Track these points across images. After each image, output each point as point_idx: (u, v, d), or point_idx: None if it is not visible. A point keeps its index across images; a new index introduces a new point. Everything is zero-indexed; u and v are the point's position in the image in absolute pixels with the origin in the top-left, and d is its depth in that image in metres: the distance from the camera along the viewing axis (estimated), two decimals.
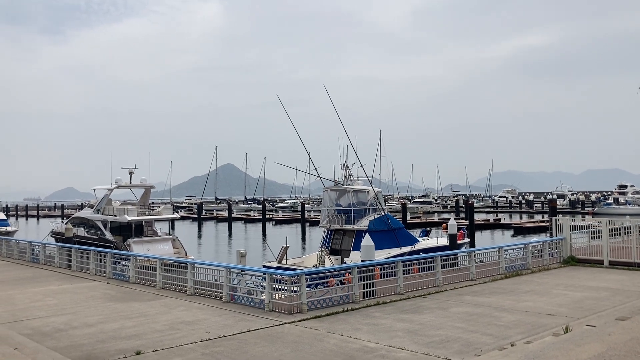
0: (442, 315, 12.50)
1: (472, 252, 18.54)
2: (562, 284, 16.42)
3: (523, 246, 20.22)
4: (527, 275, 18.36)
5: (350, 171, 31.72)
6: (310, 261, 28.52)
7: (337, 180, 32.13)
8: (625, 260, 19.88)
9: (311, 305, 13.35)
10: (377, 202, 29.73)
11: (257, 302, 13.88)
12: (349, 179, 31.21)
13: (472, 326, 11.39)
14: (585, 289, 15.48)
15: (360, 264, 15.12)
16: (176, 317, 12.97)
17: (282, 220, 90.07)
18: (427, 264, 16.80)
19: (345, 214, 29.31)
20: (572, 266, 20.35)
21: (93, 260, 21.01)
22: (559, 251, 21.31)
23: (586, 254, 21.15)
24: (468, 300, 14.32)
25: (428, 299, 14.68)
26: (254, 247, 52.10)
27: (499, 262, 18.73)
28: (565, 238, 21.41)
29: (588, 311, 12.41)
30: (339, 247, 28.97)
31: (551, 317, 12.05)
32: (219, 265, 16.07)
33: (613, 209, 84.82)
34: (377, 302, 14.13)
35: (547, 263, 20.27)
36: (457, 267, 18.12)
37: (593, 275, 18.22)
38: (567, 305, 13.31)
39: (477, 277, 17.48)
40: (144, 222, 37.83)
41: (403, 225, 32.45)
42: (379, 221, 28.77)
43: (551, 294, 14.83)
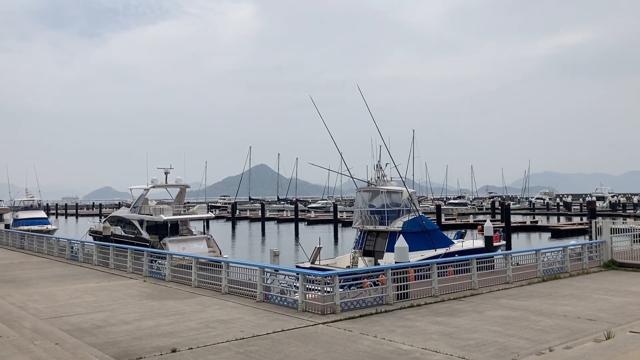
0: (477, 319, 12.29)
1: (509, 254, 18.20)
2: (603, 289, 15.97)
3: (561, 249, 19.75)
4: (565, 279, 17.93)
5: (384, 172, 31.50)
6: (343, 262, 28.45)
7: (370, 180, 31.96)
8: None
9: (344, 306, 13.30)
10: (411, 203, 29.45)
11: (291, 302, 13.90)
12: (382, 179, 31.00)
13: (509, 330, 11.17)
14: (628, 294, 15.02)
15: (394, 265, 14.99)
16: (211, 315, 13.09)
17: (314, 220, 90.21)
18: (463, 267, 16.56)
19: (378, 215, 29.12)
20: (613, 270, 19.78)
21: (130, 259, 21.40)
22: (599, 255, 20.74)
23: (628, 257, 20.53)
24: (504, 303, 14.05)
25: (463, 301, 14.46)
26: (287, 247, 52.30)
27: (537, 265, 18.33)
28: (606, 241, 20.82)
29: (631, 317, 12.04)
30: (372, 248, 28.81)
31: (591, 322, 11.72)
32: (252, 264, 16.17)
33: None
34: (411, 305, 13.99)
35: (586, 267, 19.75)
36: (493, 270, 17.81)
37: (636, 279, 17.67)
38: (608, 310, 12.93)
39: (514, 280, 17.14)
40: (180, 221, 38.39)
41: (437, 226, 32.07)
42: (413, 222, 28.50)
43: (591, 299, 14.44)
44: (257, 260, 37.85)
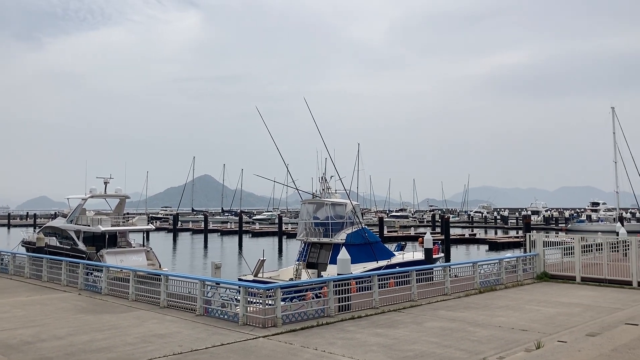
0: (416, 330, 12.51)
1: (447, 266, 18.66)
2: (535, 300, 16.59)
3: (497, 261, 20.40)
4: (501, 291, 18.52)
5: (329, 184, 31.73)
6: (286, 274, 28.37)
7: (315, 193, 32.11)
8: (596, 276, 20.20)
9: (286, 319, 13.26)
10: (354, 216, 29.77)
11: (231, 316, 13.74)
12: (327, 191, 31.21)
13: (446, 341, 11.42)
14: (558, 305, 15.67)
15: (336, 277, 15.09)
16: (148, 329, 12.76)
17: (259, 232, 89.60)
18: (403, 278, 16.83)
19: (322, 227, 29.26)
20: (545, 282, 20.58)
21: (64, 271, 20.60)
22: (532, 267, 21.55)
23: (559, 270, 21.44)
24: (442, 314, 14.37)
25: (403, 313, 14.70)
26: (230, 259, 51.67)
27: (474, 277, 18.85)
28: (539, 254, 21.67)
29: (560, 327, 12.56)
30: (315, 260, 28.87)
31: (524, 332, 12.15)
32: (193, 277, 15.89)
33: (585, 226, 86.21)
34: (352, 316, 14.10)
35: (520, 279, 20.48)
36: (432, 282, 18.20)
37: (565, 291, 18.45)
38: (540, 320, 13.44)
39: (452, 292, 17.57)
40: (118, 232, 37.30)
41: (379, 239, 32.51)
42: (356, 235, 28.78)
43: (524, 310, 14.97)
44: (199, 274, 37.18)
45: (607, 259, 20.60)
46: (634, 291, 18.36)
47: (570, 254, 21.48)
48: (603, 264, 20.39)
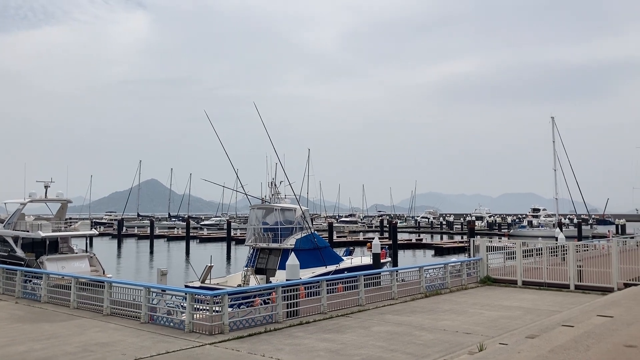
0: (363, 335, 12.62)
1: (394, 271, 18.91)
2: (479, 303, 17.03)
3: (442, 266, 20.82)
4: (446, 295, 18.91)
5: (278, 189, 31.65)
6: (234, 281, 28.09)
7: (264, 198, 31.97)
8: (537, 280, 20.90)
9: (233, 325, 13.12)
10: (304, 221, 29.79)
11: (177, 323, 13.49)
12: (276, 197, 31.13)
13: (393, 345, 11.57)
14: (500, 308, 16.13)
15: (285, 283, 15.06)
16: (90, 338, 12.37)
17: (206, 238, 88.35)
18: (351, 283, 16.96)
19: (271, 233, 29.13)
20: (489, 286, 21.15)
21: (0, 279, 19.72)
22: (476, 271, 22.10)
23: (501, 274, 22.08)
24: (389, 319, 14.55)
25: (351, 318, 14.80)
26: (177, 266, 50.74)
27: (420, 282, 19.17)
28: (482, 259, 22.26)
29: (502, 330, 12.93)
30: (264, 266, 28.71)
31: (468, 335, 12.45)
32: (137, 284, 15.52)
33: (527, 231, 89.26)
34: (300, 322, 14.09)
35: (465, 283, 20.97)
36: (380, 286, 18.40)
37: (507, 294, 19.01)
38: (483, 324, 13.80)
39: (399, 296, 17.82)
40: (59, 238, 35.96)
41: (329, 244, 32.66)
42: (305, 240, 28.81)
43: (468, 313, 15.34)
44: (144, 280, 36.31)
45: (547, 263, 21.36)
46: (571, 294, 19.10)
47: (512, 258, 22.15)
48: (543, 268, 21.12)
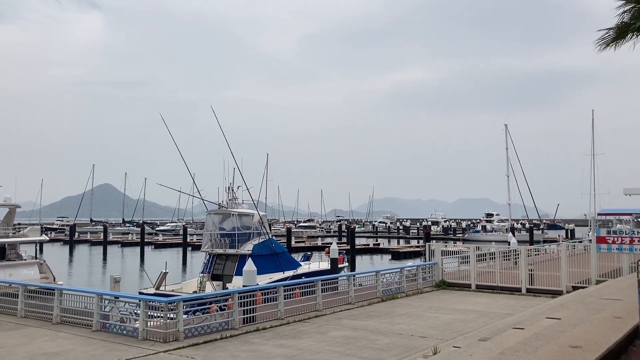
0: (320, 340, 12.63)
1: (352, 276, 19.01)
2: (434, 307, 17.28)
3: (399, 270, 21.04)
4: (402, 299, 19.11)
5: (235, 194, 31.41)
6: (190, 287, 27.68)
7: (221, 203, 31.66)
8: (490, 284, 21.36)
9: (188, 332, 12.92)
10: (261, 226, 29.64)
11: (130, 331, 13.19)
12: (233, 202, 30.88)
13: (349, 350, 11.62)
14: (455, 312, 16.41)
15: (241, 289, 14.94)
16: (38, 348, 11.96)
17: (162, 244, 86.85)
18: (309, 289, 16.96)
19: (228, 238, 28.87)
20: (444, 290, 21.49)
21: None
22: (431, 275, 22.43)
23: (456, 278, 22.47)
24: (346, 324, 14.61)
25: (308, 323, 14.78)
26: (131, 272, 49.65)
27: (377, 286, 19.32)
28: (437, 263, 22.61)
29: (456, 333, 13.15)
30: (221, 272, 28.41)
31: (423, 339, 12.61)
32: (89, 291, 15.12)
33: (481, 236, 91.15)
34: (257, 328, 13.99)
35: (421, 287, 21.25)
36: (338, 291, 18.46)
37: (462, 298, 19.36)
38: (437, 327, 14.01)
39: (356, 301, 17.91)
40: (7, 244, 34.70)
41: (286, 249, 32.59)
42: (262, 245, 28.66)
43: (423, 317, 15.55)
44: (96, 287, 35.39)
45: (500, 267, 21.87)
46: (523, 297, 19.59)
47: (467, 262, 22.59)
48: (496, 272, 21.61)
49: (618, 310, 8.83)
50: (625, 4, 18.22)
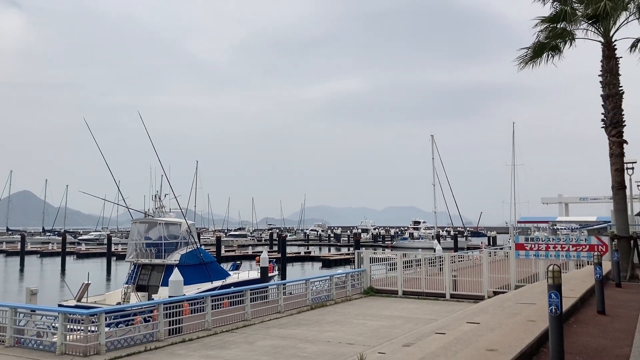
0: (247, 350, 12.53)
1: (281, 284, 18.99)
2: (362, 314, 17.53)
3: (328, 278, 21.23)
4: (331, 306, 19.27)
5: (163, 202, 30.65)
6: (113, 298, 26.69)
7: (147, 211, 30.79)
8: (416, 290, 21.92)
9: (110, 345, 12.48)
10: (189, 236, 29.05)
11: (48, 345, 12.58)
12: (160, 210, 30.12)
13: (277, 359, 11.58)
14: (382, 318, 16.71)
15: (167, 299, 14.61)
16: None
17: (84, 254, 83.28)
18: (237, 298, 16.79)
19: (154, 248, 28.09)
20: (372, 296, 21.85)
21: None
22: (360, 282, 22.75)
23: (384, 284, 22.92)
24: (274, 333, 14.56)
25: (236, 333, 14.63)
26: (51, 284, 47.34)
27: (306, 294, 19.40)
28: (366, 270, 22.97)
29: (382, 339, 13.39)
30: (146, 282, 27.55)
31: (350, 346, 12.76)
32: (1, 304, 14.30)
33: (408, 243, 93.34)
34: (183, 339, 13.70)
35: (349, 294, 21.51)
36: (267, 300, 18.38)
37: (389, 304, 19.76)
38: (365, 334, 14.22)
39: (285, 310, 17.89)
40: None
41: (215, 258, 32.12)
42: (190, 255, 28.08)
43: (352, 324, 15.74)
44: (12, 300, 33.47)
45: (425, 273, 22.50)
46: (447, 303, 20.23)
47: (394, 269, 23.09)
48: (422, 278, 22.21)
49: (532, 314, 9.28)
50: (541, 23, 19.36)
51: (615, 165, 18.39)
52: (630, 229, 19.23)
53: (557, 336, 6.19)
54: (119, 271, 58.32)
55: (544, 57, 19.47)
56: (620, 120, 18.25)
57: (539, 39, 19.35)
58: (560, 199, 72.23)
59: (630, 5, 18.22)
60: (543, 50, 19.36)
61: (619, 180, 18.38)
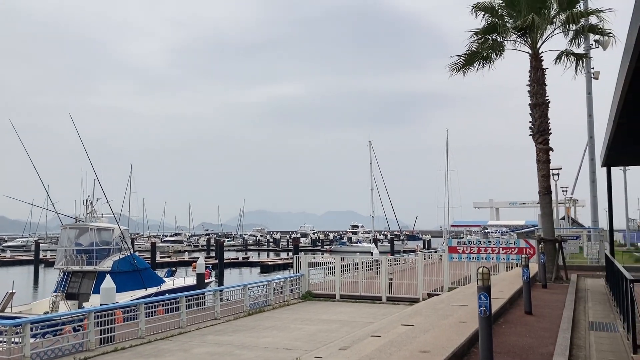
0: (183, 357, 12.27)
1: (217, 290, 18.73)
2: (300, 319, 17.53)
3: (266, 283, 21.11)
4: (268, 312, 19.17)
5: (94, 207, 29.64)
6: (41, 308, 25.49)
7: (78, 217, 29.68)
8: (354, 293, 22.14)
9: (36, 357, 11.93)
10: (122, 241, 28.20)
11: None
12: (92, 215, 29.10)
13: None
14: (319, 322, 16.77)
15: (98, 308, 14.12)
16: None
17: (10, 261, 79.20)
18: (172, 305, 16.43)
19: (85, 254, 27.11)
20: (310, 301, 21.89)
21: None
22: (298, 287, 22.75)
23: (322, 289, 23.01)
24: (210, 339, 14.33)
25: (170, 341, 14.29)
26: None
27: (244, 300, 19.21)
28: (304, 274, 23.00)
29: (319, 343, 13.44)
30: (77, 290, 26.50)
31: (287, 351, 12.72)
32: None
33: (347, 247, 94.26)
34: (115, 348, 13.26)
35: (287, 299, 21.46)
36: (203, 307, 18.06)
37: (327, 308, 19.85)
38: (302, 339, 14.22)
39: (222, 316, 17.64)
40: None
41: (149, 265, 31.32)
42: (123, 262, 27.25)
43: (289, 329, 15.70)
44: None
45: (363, 277, 22.76)
46: (383, 305, 20.54)
47: (332, 273, 23.23)
48: (359, 282, 22.45)
49: (463, 316, 9.56)
50: (474, 35, 20.07)
51: (542, 172, 19.27)
52: (555, 232, 20.18)
53: (486, 337, 6.40)
54: (47, 279, 55.81)
55: (475, 65, 20.17)
56: (546, 128, 19.13)
57: (471, 49, 20.05)
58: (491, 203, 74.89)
59: (555, 19, 19.17)
60: (475, 58, 20.06)
61: (545, 186, 19.26)
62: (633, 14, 6.63)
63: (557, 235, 20.46)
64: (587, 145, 30.84)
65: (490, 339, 6.44)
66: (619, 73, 8.85)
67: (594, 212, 29.02)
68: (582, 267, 24.88)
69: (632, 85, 8.20)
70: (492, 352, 6.48)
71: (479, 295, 6.39)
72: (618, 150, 14.47)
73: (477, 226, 67.90)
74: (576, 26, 19.04)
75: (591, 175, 28.77)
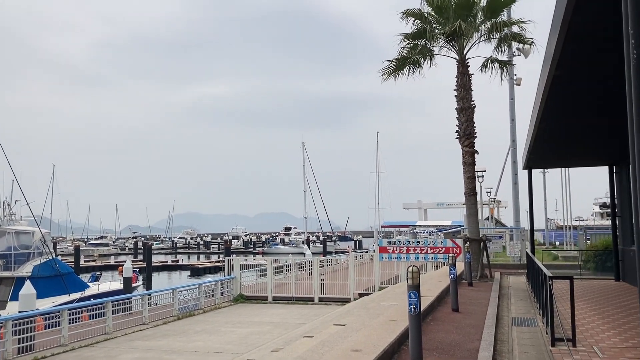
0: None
1: (145, 295, 18.22)
2: (231, 322, 17.32)
3: (197, 287, 20.73)
4: (199, 315, 18.82)
5: (12, 210, 28.17)
6: None
7: None
8: (286, 295, 22.12)
9: None
10: (43, 245, 26.92)
11: None
12: (9, 218, 27.64)
13: None
14: (251, 325, 16.63)
15: (16, 315, 13.39)
16: None
17: None
18: (98, 310, 15.83)
19: (3, 259, 25.73)
20: (242, 303, 21.68)
21: None
22: (230, 290, 22.49)
23: (254, 291, 22.85)
24: (138, 345, 13.90)
25: (96, 347, 13.76)
26: None
27: (173, 304, 18.78)
28: (236, 277, 22.76)
29: (251, 346, 13.31)
30: None
31: (219, 354, 12.54)
32: None
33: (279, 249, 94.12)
34: (35, 357, 12.62)
35: (219, 302, 21.16)
36: (131, 312, 17.52)
37: (259, 310, 19.72)
38: (234, 342, 14.05)
39: (150, 321, 17.16)
40: None
41: (72, 269, 30.05)
42: (45, 266, 26.04)
43: (220, 332, 15.48)
44: None
45: (295, 278, 22.79)
46: (315, 306, 20.62)
47: (265, 275, 23.11)
48: (292, 283, 22.46)
49: (394, 314, 9.75)
50: (404, 39, 20.57)
51: (468, 174, 19.99)
52: (480, 232, 20.98)
53: (416, 334, 6.55)
54: None
55: (406, 70, 20.67)
56: (472, 132, 19.87)
57: (402, 54, 20.53)
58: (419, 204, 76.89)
59: (481, 27, 19.96)
60: (405, 63, 20.55)
61: (470, 187, 19.99)
62: (551, 28, 7.01)
63: (482, 235, 21.28)
64: (509, 149, 32.31)
65: (419, 336, 6.59)
66: (539, 81, 9.32)
67: (516, 212, 30.43)
68: (505, 266, 26.03)
69: (551, 92, 8.65)
70: (422, 349, 6.64)
71: (409, 294, 6.54)
72: (538, 154, 15.24)
73: (407, 227, 69.55)
74: (500, 34, 19.90)
75: (513, 177, 30.16)
